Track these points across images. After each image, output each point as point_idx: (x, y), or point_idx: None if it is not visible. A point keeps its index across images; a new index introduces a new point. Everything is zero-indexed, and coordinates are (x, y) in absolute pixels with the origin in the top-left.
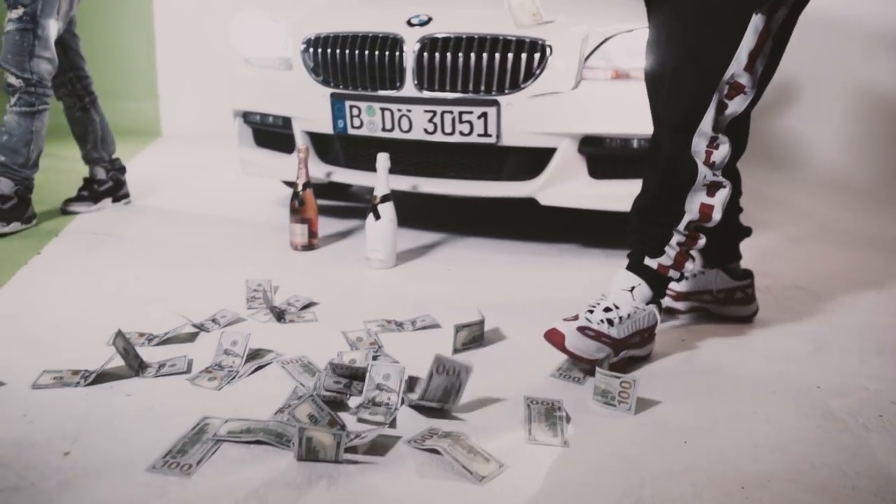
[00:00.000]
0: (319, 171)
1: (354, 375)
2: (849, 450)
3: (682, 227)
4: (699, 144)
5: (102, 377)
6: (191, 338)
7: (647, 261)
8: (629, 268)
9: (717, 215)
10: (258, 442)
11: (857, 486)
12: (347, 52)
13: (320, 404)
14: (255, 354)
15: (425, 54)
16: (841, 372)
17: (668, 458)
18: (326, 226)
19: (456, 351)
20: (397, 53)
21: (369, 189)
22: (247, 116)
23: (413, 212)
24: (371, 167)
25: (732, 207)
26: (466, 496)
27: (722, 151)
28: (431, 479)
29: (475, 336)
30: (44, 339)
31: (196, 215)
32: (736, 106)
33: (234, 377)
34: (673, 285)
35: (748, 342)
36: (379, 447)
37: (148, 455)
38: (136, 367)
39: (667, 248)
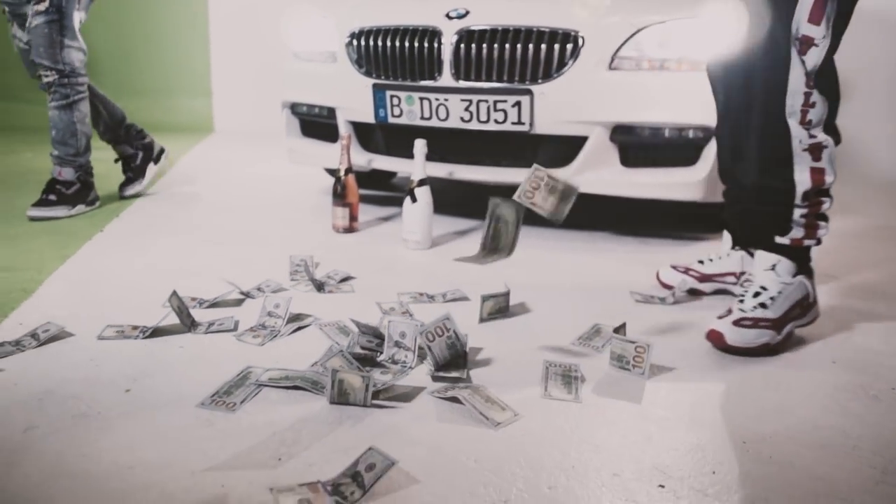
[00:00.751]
0: (361, 158)
1: (376, 334)
2: (855, 416)
3: (798, 199)
4: (794, 105)
5: (158, 332)
6: (237, 303)
7: (779, 239)
8: (764, 248)
9: (829, 178)
10: (295, 387)
11: (857, 446)
12: (389, 44)
13: (349, 358)
14: (295, 317)
15: (462, 46)
16: (860, 349)
17: (675, 414)
18: (367, 213)
19: (482, 320)
20: (436, 45)
21: (409, 179)
22: (294, 108)
23: (448, 200)
24: (410, 154)
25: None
26: (481, 438)
27: (818, 109)
28: (450, 424)
29: (501, 307)
30: (108, 300)
31: (245, 202)
32: (813, 59)
33: (275, 335)
34: (698, 266)
35: None
36: (404, 396)
37: (197, 395)
38: (188, 324)
39: (793, 224)
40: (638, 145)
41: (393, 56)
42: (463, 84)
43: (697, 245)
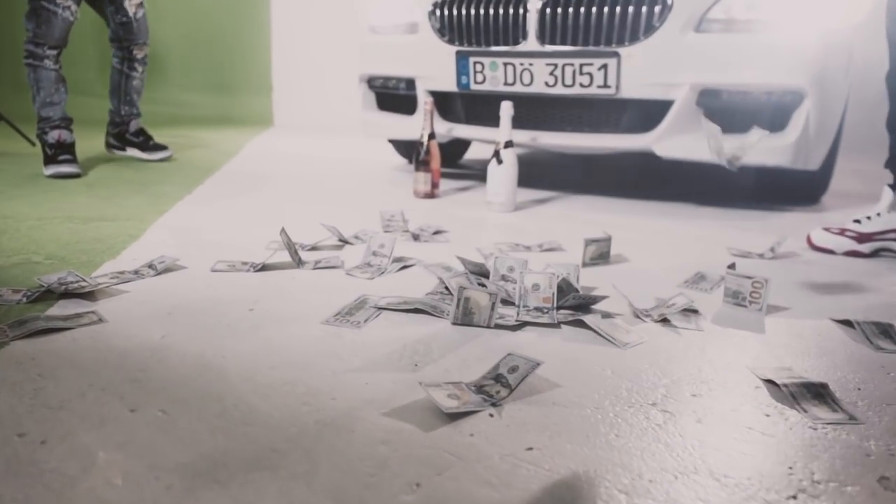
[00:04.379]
0: (441, 127)
1: (483, 271)
2: (880, 370)
3: None
4: None
5: (267, 267)
6: (337, 248)
7: None
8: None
9: None
10: (415, 310)
11: (861, 388)
12: (473, 11)
13: (472, 279)
14: (398, 259)
15: (548, 9)
16: None
17: (802, 344)
18: (442, 185)
19: (584, 265)
20: (521, 10)
21: (478, 159)
22: (371, 81)
23: (526, 172)
24: (489, 123)
25: None
26: (612, 354)
27: None
28: (577, 343)
29: (602, 252)
30: (212, 243)
31: (321, 175)
32: None
33: (382, 272)
34: (856, 227)
35: None
36: (522, 323)
37: (318, 315)
38: (297, 260)
39: None
40: (724, 109)
41: (477, 23)
42: (548, 48)
43: (784, 215)
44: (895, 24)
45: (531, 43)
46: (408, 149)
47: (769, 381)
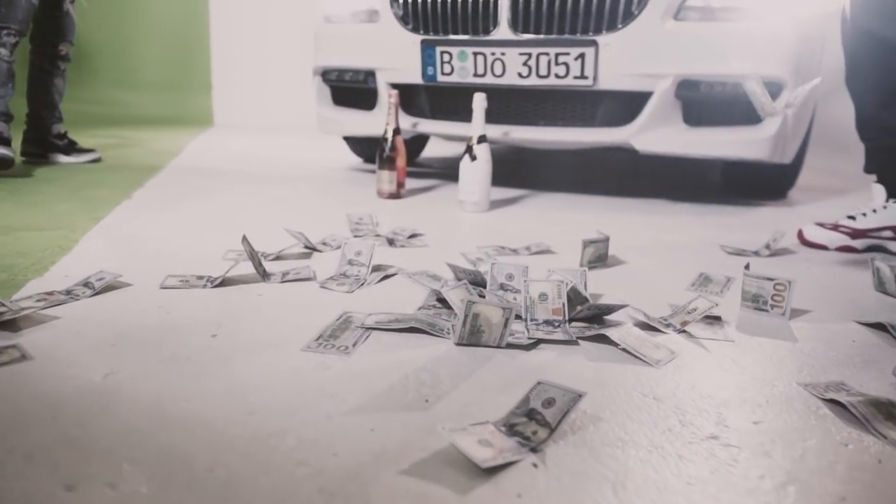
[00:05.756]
0: (405, 122)
1: (477, 280)
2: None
3: None
4: None
5: (228, 281)
6: (305, 256)
7: None
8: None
9: None
10: (410, 330)
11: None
12: None
13: (472, 292)
14: (376, 268)
15: None
16: None
17: (837, 350)
18: (406, 185)
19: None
20: None
21: (438, 156)
22: (326, 75)
23: (494, 170)
24: (458, 117)
25: None
26: (645, 375)
27: None
28: (603, 362)
29: (601, 254)
30: (158, 254)
31: (274, 175)
32: None
33: (362, 283)
34: (850, 223)
35: None
36: (535, 340)
37: (296, 340)
38: (262, 272)
39: None
40: (703, 101)
41: (444, 10)
42: (521, 37)
43: (759, 210)
44: (848, 30)
45: (503, 31)
46: (365, 146)
47: (831, 401)
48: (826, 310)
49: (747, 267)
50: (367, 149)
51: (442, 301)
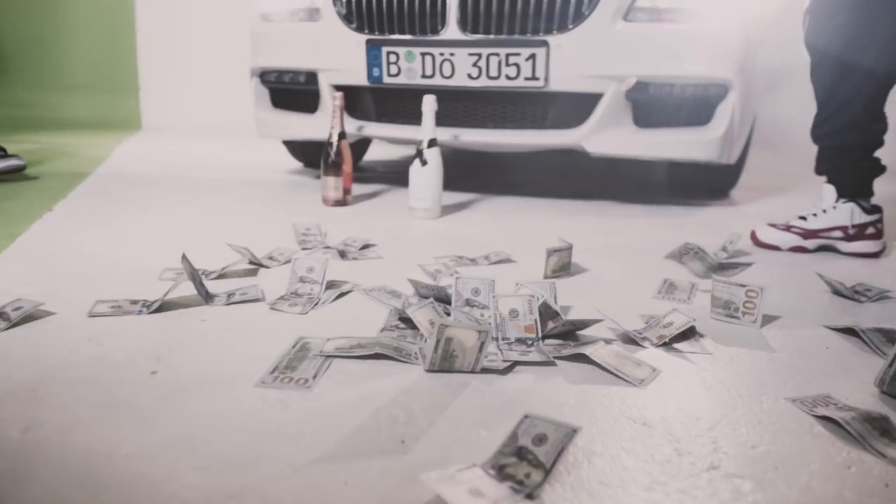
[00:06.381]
0: (350, 126)
1: (438, 297)
2: None
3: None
4: None
5: (166, 306)
6: (250, 273)
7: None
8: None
9: None
10: (375, 356)
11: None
12: None
13: (440, 312)
14: (330, 284)
15: None
16: None
17: (815, 359)
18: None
19: (546, 278)
20: None
21: (381, 160)
22: (264, 76)
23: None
24: (405, 120)
25: (878, 140)
26: (631, 398)
27: None
28: (584, 385)
29: (564, 263)
30: (84, 276)
31: (208, 183)
32: None
33: (316, 303)
34: (802, 223)
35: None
36: (513, 363)
37: (249, 373)
38: (203, 293)
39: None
40: (651, 104)
41: (390, 8)
42: (471, 37)
43: (706, 210)
44: (813, 32)
45: (452, 31)
46: (305, 150)
47: (824, 418)
48: (793, 315)
49: (719, 270)
50: (308, 153)
51: (405, 320)
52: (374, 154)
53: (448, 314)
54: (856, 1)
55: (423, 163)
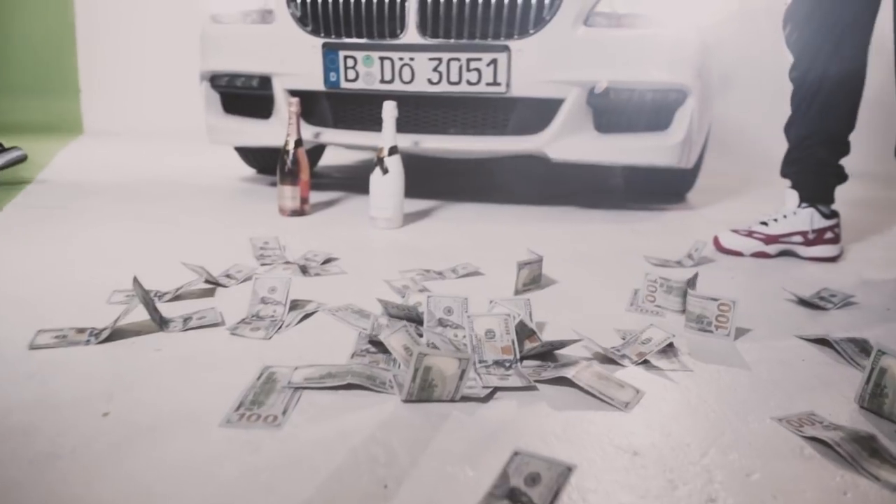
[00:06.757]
0: (306, 132)
1: (409, 317)
2: None
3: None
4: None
5: (117, 334)
6: (207, 293)
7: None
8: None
9: None
10: (348, 386)
11: None
12: None
13: (414, 336)
14: (294, 305)
15: None
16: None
17: (791, 375)
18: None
19: (517, 292)
20: None
21: (336, 165)
22: (215, 80)
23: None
24: (363, 126)
25: (846, 146)
26: (619, 424)
27: None
28: (569, 412)
29: (535, 276)
30: (25, 302)
31: (156, 191)
32: None
33: (280, 326)
34: (763, 229)
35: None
36: (494, 389)
37: (212, 411)
38: (157, 319)
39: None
40: (611, 109)
41: (347, 11)
42: (431, 41)
43: (665, 215)
44: (793, 32)
45: (411, 35)
46: (258, 156)
47: (814, 439)
48: (764, 325)
49: (691, 284)
50: (261, 158)
51: (375, 343)
52: (329, 159)
53: (420, 335)
54: (826, 9)
55: (384, 171)
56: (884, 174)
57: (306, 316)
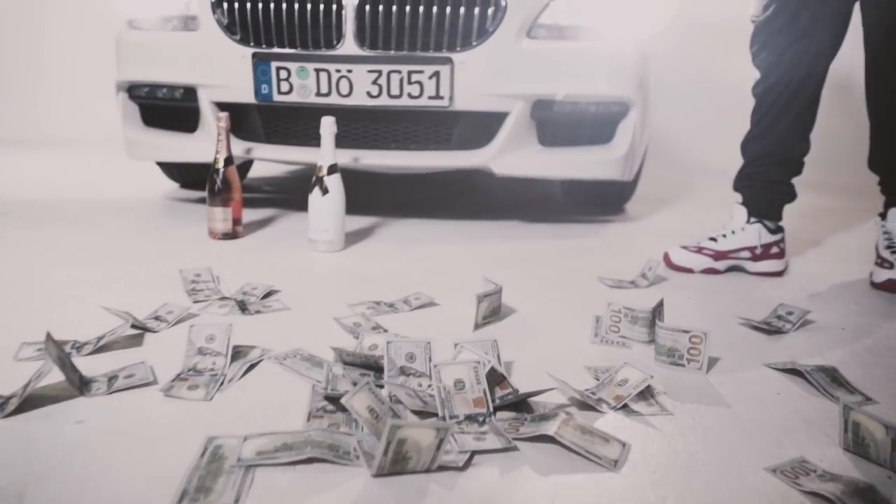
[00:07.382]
0: (237, 148)
1: (368, 365)
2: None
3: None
4: None
5: (27, 404)
6: (134, 341)
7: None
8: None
9: None
10: (308, 461)
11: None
12: (273, 5)
13: (379, 395)
14: (236, 352)
15: (367, 6)
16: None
17: (772, 412)
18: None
19: (478, 326)
20: (334, 6)
21: (265, 177)
22: (133, 90)
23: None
24: (298, 141)
25: (799, 167)
26: (609, 488)
27: None
28: (555, 476)
29: (494, 308)
30: None
31: (73, 216)
32: None
33: (221, 382)
34: (712, 245)
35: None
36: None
37: (146, 501)
38: (77, 381)
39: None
40: (555, 123)
41: (278, 19)
42: (370, 52)
43: (609, 227)
44: (761, 51)
45: (349, 46)
46: (181, 171)
47: (813, 494)
48: (731, 354)
49: (658, 313)
50: (185, 173)
51: (331, 399)
52: (258, 170)
53: (381, 387)
54: (796, 31)
55: (324, 191)
56: (824, 183)
57: (251, 367)
